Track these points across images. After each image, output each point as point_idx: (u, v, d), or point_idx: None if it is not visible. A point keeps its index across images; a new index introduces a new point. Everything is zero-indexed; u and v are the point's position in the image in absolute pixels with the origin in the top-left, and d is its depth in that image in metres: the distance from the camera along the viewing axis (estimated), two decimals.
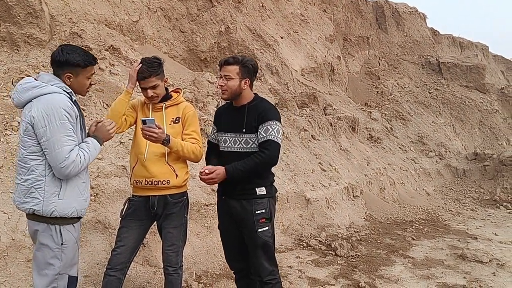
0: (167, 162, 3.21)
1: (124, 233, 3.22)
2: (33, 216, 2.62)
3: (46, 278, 2.62)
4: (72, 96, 2.66)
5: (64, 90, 2.62)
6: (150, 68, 3.18)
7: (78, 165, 2.56)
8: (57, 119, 2.50)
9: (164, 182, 3.19)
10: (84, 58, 2.70)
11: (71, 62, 2.66)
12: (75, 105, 2.64)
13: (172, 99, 3.32)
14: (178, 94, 3.38)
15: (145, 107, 3.32)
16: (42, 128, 2.50)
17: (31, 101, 2.57)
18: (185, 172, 3.31)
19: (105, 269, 3.22)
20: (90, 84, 2.82)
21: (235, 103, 3.24)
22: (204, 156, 3.46)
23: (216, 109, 4.60)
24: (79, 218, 2.74)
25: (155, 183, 3.18)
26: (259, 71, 9.52)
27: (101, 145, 2.78)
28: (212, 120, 3.70)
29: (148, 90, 3.19)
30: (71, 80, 2.68)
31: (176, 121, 3.29)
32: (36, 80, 2.66)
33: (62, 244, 2.62)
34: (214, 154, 3.37)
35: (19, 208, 2.66)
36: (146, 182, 3.18)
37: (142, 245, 3.48)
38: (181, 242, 3.36)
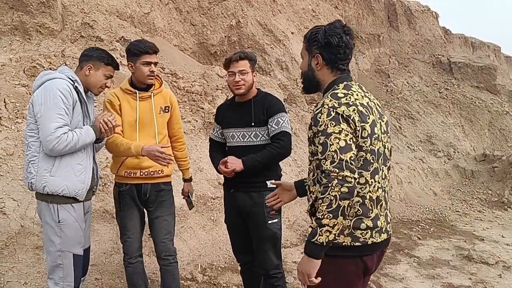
0: None
1: (129, 222, 3.27)
2: (37, 195, 2.81)
3: (50, 254, 2.80)
4: (76, 84, 2.81)
5: (68, 78, 2.80)
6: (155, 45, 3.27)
7: (63, 142, 2.66)
8: (52, 98, 2.68)
9: (159, 172, 3.25)
10: (108, 57, 2.99)
11: (97, 56, 2.95)
12: (75, 91, 2.79)
13: (158, 87, 3.32)
14: (160, 81, 3.39)
15: (130, 97, 3.23)
16: (38, 106, 2.71)
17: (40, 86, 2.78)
18: (174, 160, 3.39)
19: (123, 261, 3.31)
20: (106, 86, 2.99)
21: (239, 99, 3.25)
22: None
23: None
24: (76, 199, 2.81)
25: (151, 173, 3.23)
26: (268, 66, 9.50)
27: (97, 136, 2.87)
28: None
29: (153, 65, 3.19)
30: (90, 72, 2.91)
31: (166, 110, 3.33)
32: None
33: (59, 221, 2.76)
34: (218, 151, 3.39)
35: (25, 184, 2.86)
36: (141, 173, 3.21)
37: (148, 235, 3.50)
38: (173, 229, 3.39)
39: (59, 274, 2.79)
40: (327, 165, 1.93)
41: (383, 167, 2.15)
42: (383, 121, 2.20)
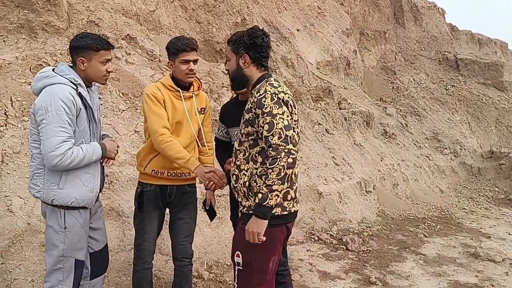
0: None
1: (147, 224, 3.20)
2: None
3: (51, 258, 2.70)
4: (79, 88, 2.66)
5: (71, 82, 2.64)
6: (195, 41, 3.17)
7: (67, 159, 2.53)
8: (54, 109, 2.52)
9: (187, 174, 3.20)
10: (96, 42, 2.72)
11: (83, 46, 2.69)
12: (79, 97, 2.63)
13: (196, 88, 3.28)
14: (198, 83, 3.34)
15: (173, 95, 3.14)
16: (40, 117, 2.54)
17: (42, 90, 2.62)
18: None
19: (134, 264, 3.25)
20: (108, 72, 2.80)
21: (243, 97, 3.22)
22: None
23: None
24: (84, 207, 2.74)
25: (179, 174, 3.17)
26: (274, 63, 9.49)
27: (103, 154, 2.78)
28: None
29: (191, 63, 3.10)
30: (85, 65, 2.71)
31: (202, 112, 3.29)
32: (53, 70, 2.71)
33: (65, 228, 2.67)
34: (223, 150, 3.38)
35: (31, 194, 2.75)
36: (169, 174, 3.15)
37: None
38: (193, 232, 3.37)
39: (58, 277, 2.70)
40: (275, 140, 2.32)
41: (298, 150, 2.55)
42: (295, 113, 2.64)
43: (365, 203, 7.39)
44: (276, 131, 2.32)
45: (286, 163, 2.28)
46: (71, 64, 2.77)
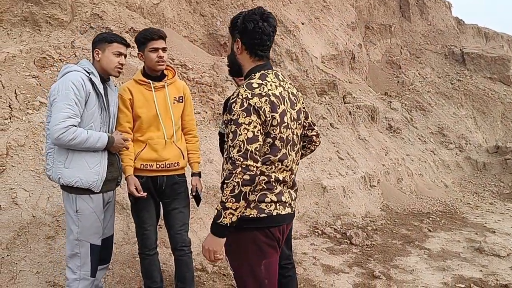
0: (175, 144, 3.26)
1: (146, 214, 3.28)
2: (60, 186, 2.89)
3: (69, 243, 2.88)
4: (91, 76, 2.85)
5: (84, 70, 2.85)
6: (162, 31, 3.27)
7: (69, 134, 2.66)
8: (63, 89, 2.72)
9: (175, 164, 3.26)
10: (111, 35, 2.99)
11: (99, 39, 2.97)
12: (90, 83, 2.82)
13: (171, 77, 3.31)
14: (173, 71, 3.38)
15: (144, 88, 3.20)
16: (52, 97, 2.76)
17: None
18: (186, 152, 3.38)
19: (140, 253, 3.35)
20: (121, 64, 2.97)
21: None
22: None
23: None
24: (92, 191, 2.84)
25: (167, 166, 3.23)
26: (278, 57, 9.45)
27: (108, 145, 2.88)
28: None
29: (160, 51, 3.15)
30: (99, 56, 2.93)
31: (180, 100, 3.32)
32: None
33: (77, 211, 2.83)
34: None
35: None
36: (157, 166, 3.20)
37: (158, 226, 3.52)
38: (188, 221, 3.40)
39: (76, 262, 2.85)
40: (234, 153, 2.09)
41: (291, 152, 2.34)
42: (294, 110, 2.35)
43: (369, 198, 7.38)
44: (236, 143, 2.09)
45: (242, 179, 2.05)
46: (92, 62, 3.00)
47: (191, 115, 3.45)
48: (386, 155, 8.92)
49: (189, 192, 3.44)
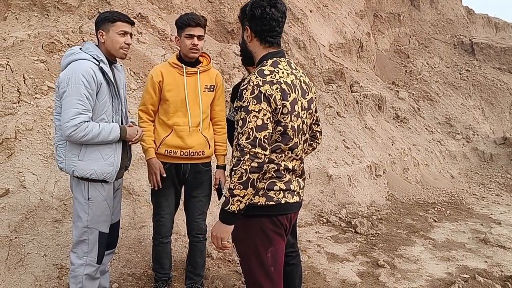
0: (201, 133, 3.22)
1: (164, 201, 3.30)
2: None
3: (77, 229, 2.85)
4: (101, 64, 2.75)
5: (94, 58, 2.75)
6: (202, 18, 3.17)
7: (81, 131, 2.62)
8: (74, 82, 2.63)
9: (200, 153, 3.23)
10: (113, 14, 2.86)
11: (102, 18, 2.85)
12: (101, 72, 2.73)
13: (205, 64, 3.27)
14: (208, 59, 3.33)
15: (176, 72, 3.18)
16: (62, 89, 2.68)
17: (67, 66, 2.75)
18: (213, 141, 3.34)
19: (153, 239, 3.40)
20: (127, 44, 2.87)
21: None
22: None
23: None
24: (105, 181, 2.83)
25: (192, 154, 3.21)
26: (286, 45, 9.39)
27: (121, 137, 2.83)
28: None
29: (195, 38, 3.11)
30: (104, 37, 2.82)
31: (211, 89, 3.27)
32: (80, 48, 2.84)
33: (88, 199, 2.80)
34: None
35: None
36: (181, 153, 3.19)
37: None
38: (207, 210, 3.43)
39: (84, 248, 2.85)
40: (242, 140, 2.09)
41: (301, 142, 2.34)
42: (305, 99, 2.34)
43: (375, 187, 7.37)
44: (245, 130, 2.08)
45: (250, 167, 2.06)
46: (97, 44, 2.88)
47: (222, 106, 3.38)
48: (392, 144, 8.90)
49: (212, 183, 3.42)
